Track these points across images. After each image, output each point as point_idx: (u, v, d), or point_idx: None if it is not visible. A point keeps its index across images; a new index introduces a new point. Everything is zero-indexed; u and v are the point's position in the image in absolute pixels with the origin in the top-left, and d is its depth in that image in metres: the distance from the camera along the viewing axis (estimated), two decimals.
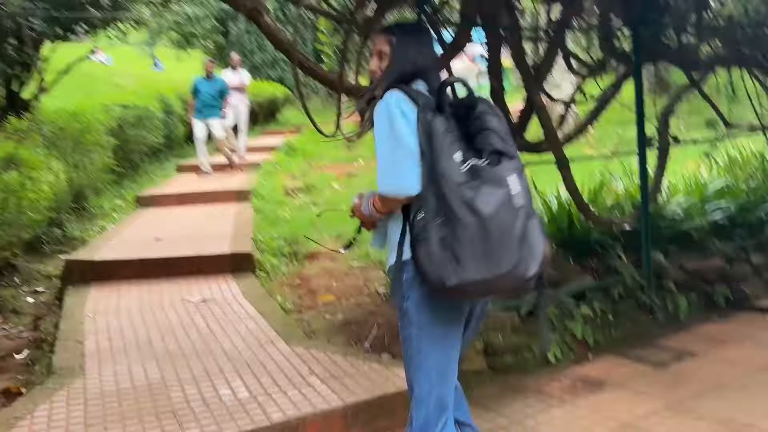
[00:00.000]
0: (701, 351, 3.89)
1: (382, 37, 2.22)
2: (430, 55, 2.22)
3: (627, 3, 3.96)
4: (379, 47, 2.20)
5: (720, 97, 5.19)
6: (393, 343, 3.83)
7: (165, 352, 3.87)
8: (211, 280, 5.33)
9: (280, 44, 4.19)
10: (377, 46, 2.21)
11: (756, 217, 5.04)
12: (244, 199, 8.32)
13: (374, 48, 2.22)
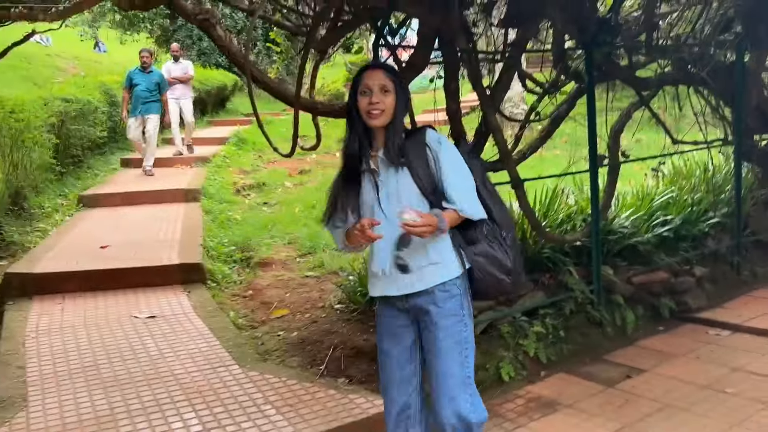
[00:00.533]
0: (649, 366, 4.00)
1: (381, 73, 2.30)
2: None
3: (581, 25, 3.99)
4: (382, 82, 2.27)
5: (666, 114, 5.32)
6: (350, 366, 3.81)
7: (113, 377, 3.76)
8: (159, 293, 5.20)
9: (234, 57, 4.08)
10: (378, 80, 2.27)
11: (699, 230, 5.20)
12: (193, 199, 8.12)
13: (373, 82, 2.27)
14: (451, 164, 2.32)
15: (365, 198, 2.32)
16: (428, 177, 2.28)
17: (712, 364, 3.94)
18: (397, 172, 2.29)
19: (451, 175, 2.30)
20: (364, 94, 2.27)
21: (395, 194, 2.28)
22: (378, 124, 2.28)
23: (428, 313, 2.32)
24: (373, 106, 2.25)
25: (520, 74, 4.24)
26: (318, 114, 4.24)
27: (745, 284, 5.33)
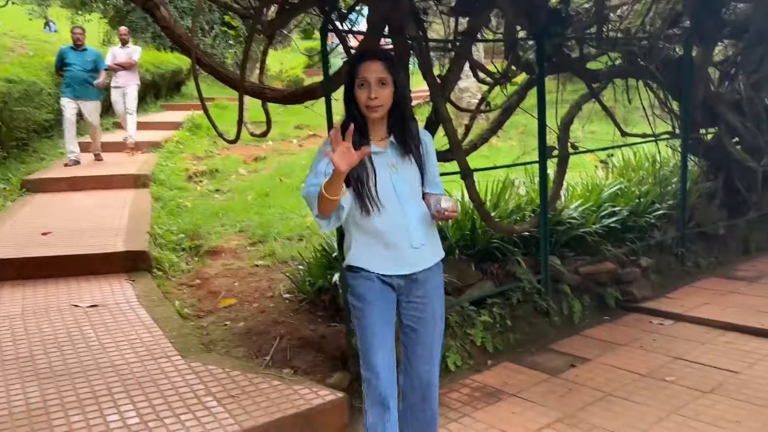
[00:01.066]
0: (593, 355, 4.05)
1: (381, 64, 2.31)
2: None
3: (532, 16, 3.99)
4: (379, 75, 2.30)
5: (618, 106, 5.38)
6: (296, 357, 3.77)
7: (48, 369, 3.63)
8: (103, 281, 5.05)
9: (178, 39, 3.97)
10: (375, 73, 2.30)
11: (645, 222, 5.29)
12: (143, 185, 7.93)
13: (370, 75, 2.29)
14: (434, 155, 2.58)
15: (376, 181, 2.37)
16: (421, 165, 2.49)
17: (654, 353, 4.02)
18: (404, 158, 2.44)
19: (434, 164, 2.57)
20: (362, 87, 2.31)
21: (406, 179, 2.43)
22: (378, 117, 2.35)
23: (426, 288, 2.50)
24: (372, 102, 2.30)
25: (472, 64, 4.22)
26: (266, 100, 4.16)
27: (688, 275, 5.46)
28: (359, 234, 2.45)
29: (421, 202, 2.50)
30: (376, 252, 2.43)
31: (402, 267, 2.45)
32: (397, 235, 2.41)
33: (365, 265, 2.45)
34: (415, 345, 2.56)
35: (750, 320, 4.35)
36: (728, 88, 5.79)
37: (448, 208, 2.35)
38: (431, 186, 2.56)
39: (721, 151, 5.69)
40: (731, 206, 6.00)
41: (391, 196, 2.39)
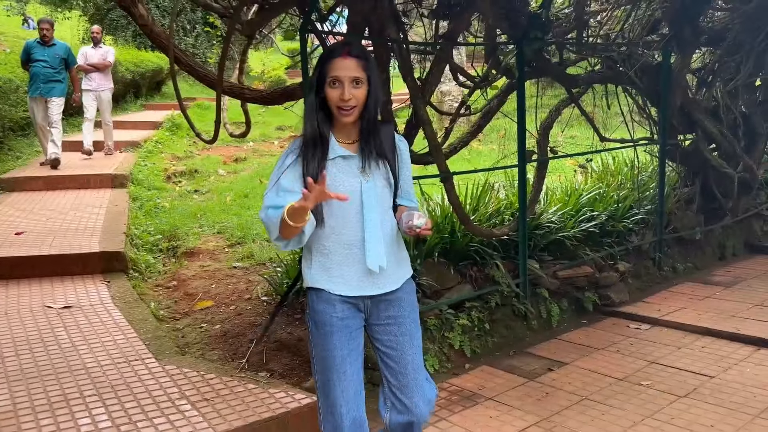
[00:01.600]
0: (570, 359, 4.06)
1: (355, 62, 2.08)
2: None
3: (512, 20, 4.00)
4: (354, 74, 2.07)
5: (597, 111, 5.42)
6: (272, 360, 3.73)
7: (18, 370, 3.56)
8: (77, 282, 4.97)
9: (156, 37, 3.92)
10: (349, 71, 2.06)
11: (623, 226, 5.33)
12: (120, 185, 7.83)
13: (344, 73, 2.06)
14: (409, 164, 2.36)
15: (340, 189, 2.10)
16: (395, 173, 2.25)
17: (631, 358, 4.04)
18: (375, 164, 2.19)
19: (409, 174, 2.35)
20: (334, 86, 2.07)
21: (376, 187, 2.18)
22: (350, 121, 2.12)
23: (398, 307, 2.28)
24: (345, 103, 2.07)
25: (453, 68, 4.22)
26: (245, 100, 4.13)
27: (665, 279, 5.51)
28: (318, 250, 2.20)
29: (389, 215, 2.25)
30: (337, 271, 2.19)
31: (366, 287, 2.21)
32: (358, 250, 2.17)
33: (325, 285, 2.19)
34: (395, 373, 2.28)
35: (726, 325, 4.39)
36: (705, 95, 5.86)
37: (422, 225, 2.10)
38: (403, 198, 2.32)
39: (699, 157, 5.75)
40: (708, 212, 6.07)
41: (355, 206, 2.15)
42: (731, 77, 5.66)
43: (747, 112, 6.00)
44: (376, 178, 2.18)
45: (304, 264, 2.27)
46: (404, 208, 2.30)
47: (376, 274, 2.20)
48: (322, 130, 2.13)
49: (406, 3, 3.79)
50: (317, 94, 2.12)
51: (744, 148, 5.88)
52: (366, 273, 2.19)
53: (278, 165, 2.18)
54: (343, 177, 2.14)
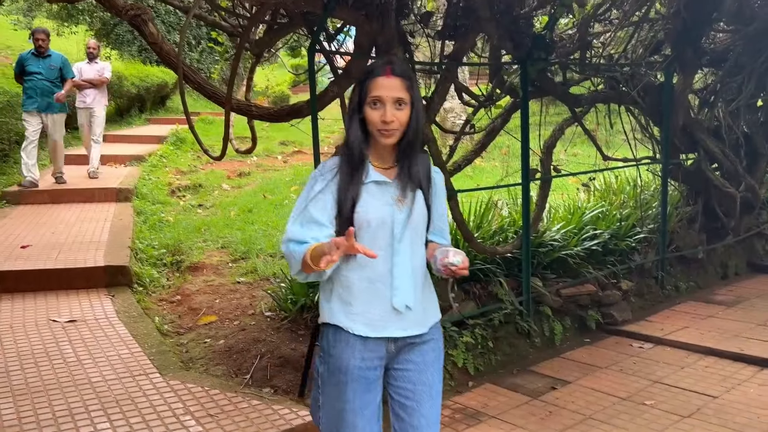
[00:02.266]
0: (573, 378, 4.07)
1: (399, 81, 1.91)
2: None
3: (516, 41, 4.05)
4: (398, 94, 1.90)
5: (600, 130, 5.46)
6: (276, 376, 3.74)
7: (24, 384, 3.58)
8: (82, 296, 5.00)
9: (166, 55, 3.96)
10: (392, 92, 1.90)
11: (626, 245, 5.35)
12: (125, 199, 7.87)
13: (387, 93, 1.89)
14: (444, 197, 2.16)
15: (370, 216, 1.93)
16: (430, 205, 2.07)
17: (634, 377, 4.04)
18: (412, 194, 2.00)
19: (441, 208, 2.15)
20: (375, 106, 1.91)
21: (410, 219, 1.98)
22: (391, 143, 1.96)
23: (422, 353, 2.05)
24: (387, 126, 1.90)
25: (457, 87, 4.26)
26: (253, 117, 4.17)
27: (668, 298, 5.52)
28: (339, 282, 1.98)
29: (420, 250, 2.04)
30: (359, 307, 1.96)
31: (389, 327, 1.98)
32: (383, 286, 1.96)
33: (344, 323, 1.96)
34: (405, 427, 2.05)
35: (729, 345, 4.39)
36: (707, 115, 5.90)
37: (459, 263, 1.88)
38: (436, 233, 2.13)
39: (701, 177, 5.78)
40: (710, 231, 6.09)
41: (385, 237, 1.95)
42: (733, 98, 5.71)
43: (749, 133, 6.04)
44: (409, 209, 1.98)
45: (322, 295, 2.04)
46: (435, 245, 2.10)
47: (402, 315, 1.98)
48: (362, 152, 1.98)
49: (412, 24, 3.84)
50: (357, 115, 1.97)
51: (746, 168, 5.92)
52: (391, 312, 1.96)
53: (306, 190, 2.00)
54: (375, 204, 1.95)
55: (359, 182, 1.95)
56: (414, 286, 1.99)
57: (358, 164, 1.96)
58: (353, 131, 1.97)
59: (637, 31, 4.97)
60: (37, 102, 7.78)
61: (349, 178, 1.95)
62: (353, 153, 1.96)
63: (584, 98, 4.86)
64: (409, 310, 1.98)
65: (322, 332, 2.03)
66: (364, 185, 1.96)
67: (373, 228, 1.93)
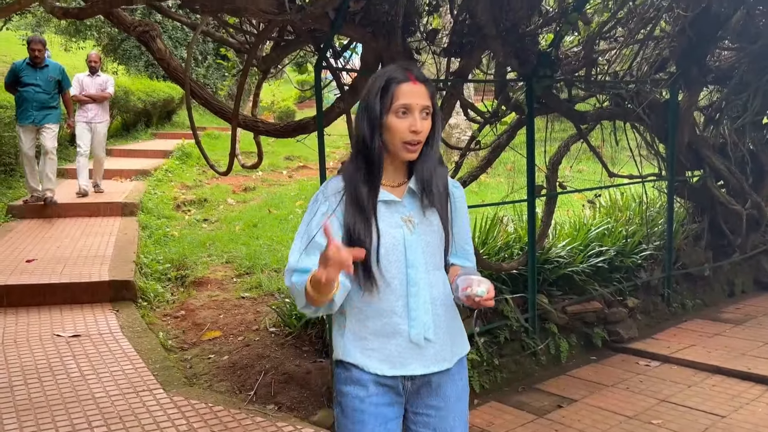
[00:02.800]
0: (580, 396, 4.04)
1: (424, 89, 1.74)
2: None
3: (522, 58, 4.06)
4: (425, 102, 1.73)
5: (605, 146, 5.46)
6: (280, 393, 3.72)
7: (27, 399, 3.56)
8: (87, 311, 4.99)
9: (173, 71, 3.99)
10: (421, 99, 1.72)
11: (632, 262, 5.33)
12: (130, 213, 7.87)
13: (416, 101, 1.71)
14: (466, 214, 1.94)
15: (382, 240, 1.74)
16: (447, 224, 1.86)
17: (641, 395, 4.01)
18: (426, 213, 1.81)
19: (464, 225, 1.93)
20: (403, 115, 1.71)
21: (424, 242, 1.79)
22: (414, 158, 1.76)
23: (444, 396, 1.84)
24: (415, 137, 1.71)
25: (463, 103, 4.28)
26: (259, 133, 4.19)
27: (674, 316, 5.48)
28: (352, 314, 1.80)
29: (439, 275, 1.83)
30: (374, 342, 1.77)
31: (408, 364, 1.77)
32: (400, 318, 1.76)
33: (359, 360, 1.77)
34: None
35: (736, 364, 4.35)
36: (713, 132, 5.90)
37: (483, 294, 1.67)
38: (458, 255, 1.92)
39: (707, 194, 5.77)
40: (716, 248, 6.06)
41: (397, 264, 1.76)
42: (738, 115, 5.71)
43: (754, 150, 6.03)
44: (423, 230, 1.79)
45: (335, 330, 1.86)
46: (458, 268, 1.90)
47: (422, 349, 1.77)
48: (381, 169, 1.78)
49: (418, 41, 3.86)
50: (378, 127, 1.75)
51: (752, 185, 5.90)
52: (409, 347, 1.76)
53: (308, 214, 1.82)
54: (383, 226, 1.75)
55: (372, 204, 1.75)
56: (434, 316, 1.78)
57: (376, 182, 1.76)
58: (377, 145, 1.73)
59: (643, 48, 4.98)
60: (33, 115, 7.33)
61: (361, 199, 1.74)
62: (376, 170, 1.75)
63: (589, 115, 4.87)
64: (429, 343, 1.77)
65: (335, 372, 1.85)
66: (376, 204, 1.77)
67: (384, 254, 1.74)
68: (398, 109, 1.70)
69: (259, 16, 3.30)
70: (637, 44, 4.94)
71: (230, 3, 3.04)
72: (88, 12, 3.40)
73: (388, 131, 1.73)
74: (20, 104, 7.33)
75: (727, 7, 4.77)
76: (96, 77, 8.59)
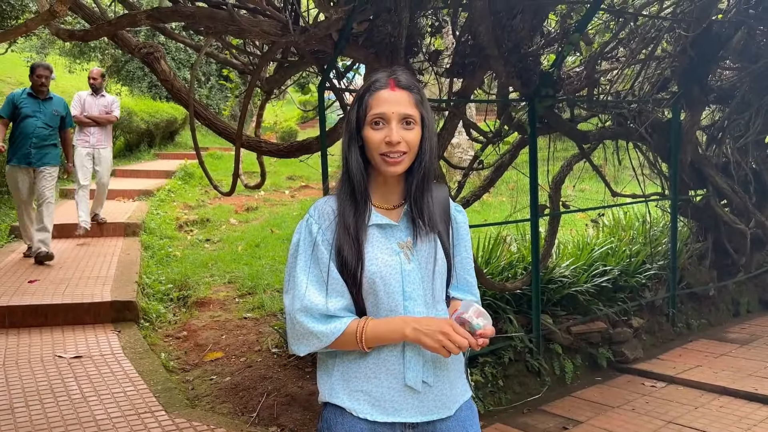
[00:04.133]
0: (585, 418, 3.99)
1: (406, 95, 1.56)
2: None
3: (524, 78, 4.08)
4: (406, 110, 1.55)
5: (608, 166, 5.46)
6: (283, 414, 3.68)
7: (28, 421, 3.53)
8: (89, 332, 4.97)
9: (177, 92, 4.02)
10: (400, 107, 1.54)
11: (636, 281, 5.30)
12: (133, 234, 7.88)
13: (392, 109, 1.54)
14: (468, 242, 1.76)
15: (372, 269, 1.55)
16: (449, 252, 1.67)
17: (647, 417, 3.96)
18: (425, 239, 1.61)
19: (466, 254, 1.74)
20: (377, 126, 1.54)
21: (424, 271, 1.60)
22: (398, 172, 1.57)
23: None
24: (393, 149, 1.53)
25: (465, 123, 4.29)
26: (262, 153, 4.20)
27: (679, 336, 5.44)
28: (343, 354, 1.60)
29: (439, 309, 1.64)
30: (365, 385, 1.57)
31: (404, 410, 1.57)
32: (395, 358, 1.57)
33: (347, 404, 1.57)
34: None
35: (743, 384, 4.31)
36: (716, 152, 5.90)
37: (478, 329, 1.50)
38: (460, 288, 1.74)
39: (710, 213, 5.76)
40: (721, 268, 6.04)
41: (393, 297, 1.57)
42: (741, 134, 5.72)
43: (758, 169, 6.03)
44: (422, 259, 1.60)
45: (320, 368, 1.67)
46: (459, 303, 1.67)
47: (419, 393, 1.58)
48: (366, 186, 1.60)
49: (421, 62, 3.88)
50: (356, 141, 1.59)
51: (755, 205, 5.89)
52: (404, 391, 1.57)
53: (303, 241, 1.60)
54: (378, 255, 1.57)
55: (364, 228, 1.57)
56: (433, 358, 1.58)
57: (361, 203, 1.58)
58: (354, 160, 1.58)
59: (644, 68, 5.01)
60: (31, 155, 6.31)
61: (352, 223, 1.56)
62: (356, 188, 1.58)
63: (592, 134, 4.88)
64: (428, 388, 1.58)
65: (321, 413, 1.64)
66: (367, 228, 1.58)
67: (379, 285, 1.56)
68: (373, 119, 1.55)
69: (262, 38, 3.32)
70: (639, 64, 4.97)
71: (234, 25, 3.07)
72: (94, 34, 3.43)
73: (367, 144, 1.57)
74: (16, 139, 6.31)
75: (728, 27, 4.80)
76: (100, 97, 7.71)
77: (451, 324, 1.49)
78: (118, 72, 18.04)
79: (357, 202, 1.58)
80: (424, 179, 1.61)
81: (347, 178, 1.60)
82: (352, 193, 1.59)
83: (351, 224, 1.56)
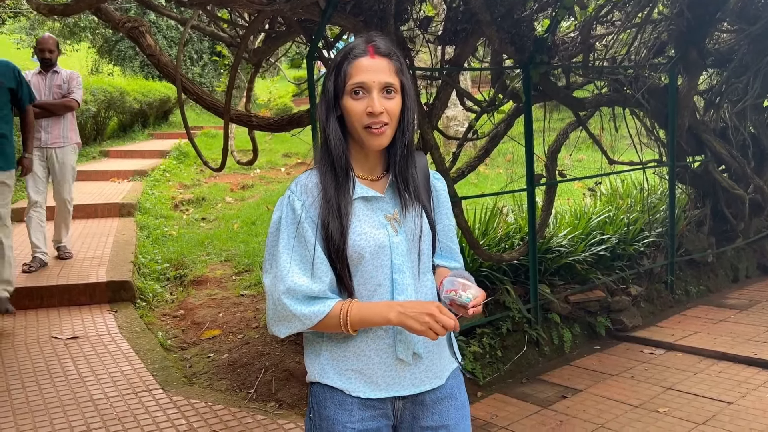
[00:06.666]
0: (584, 386, 3.98)
1: (386, 62, 1.50)
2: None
3: (518, 45, 4.00)
4: (386, 79, 1.48)
5: (605, 134, 5.40)
6: (281, 390, 3.67)
7: (25, 403, 3.52)
8: (85, 313, 4.94)
9: (164, 67, 3.95)
10: (380, 75, 1.48)
11: (634, 249, 5.27)
12: (128, 214, 7.82)
13: (372, 77, 1.47)
14: (449, 208, 1.73)
15: (361, 243, 1.51)
16: (431, 221, 1.64)
17: (646, 384, 3.96)
18: (411, 209, 1.58)
19: (447, 221, 1.71)
20: (357, 95, 1.48)
21: (412, 242, 1.57)
22: (384, 145, 1.52)
23: (440, 413, 1.60)
24: (375, 120, 1.47)
25: (459, 92, 4.22)
26: (253, 128, 4.14)
27: (678, 303, 5.43)
28: (328, 336, 1.56)
29: (427, 280, 1.62)
30: (355, 362, 1.54)
31: (396, 384, 1.55)
32: (384, 332, 1.53)
33: (338, 383, 1.53)
34: None
35: (742, 349, 4.30)
36: (713, 117, 5.83)
37: (468, 303, 1.48)
38: (443, 255, 1.73)
39: (708, 179, 5.71)
40: (719, 234, 6.01)
41: (382, 269, 1.53)
42: (739, 98, 5.65)
43: (756, 133, 5.97)
44: (409, 230, 1.57)
45: (308, 348, 1.61)
46: (445, 270, 1.69)
47: (410, 366, 1.56)
48: (347, 158, 1.54)
49: (412, 29, 3.80)
50: (333, 111, 1.53)
51: (754, 169, 5.84)
52: (396, 364, 1.54)
53: (285, 219, 1.54)
54: (366, 228, 1.52)
55: (347, 201, 1.51)
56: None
57: (343, 175, 1.52)
58: (332, 131, 1.52)
59: (640, 32, 4.91)
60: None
61: (334, 196, 1.51)
62: (336, 161, 1.52)
63: (588, 101, 4.81)
64: (419, 359, 1.56)
65: (312, 390, 1.59)
66: (352, 202, 1.53)
67: (368, 259, 1.51)
68: (352, 88, 1.48)
69: (247, 8, 3.24)
70: (635, 28, 4.87)
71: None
72: (74, 8, 3.34)
73: (347, 115, 1.51)
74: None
75: None
76: (52, 74, 5.48)
77: (437, 305, 1.46)
78: (109, 52, 17.86)
79: (338, 175, 1.52)
80: (408, 150, 1.57)
81: (327, 149, 1.54)
82: (332, 166, 1.53)
83: (334, 197, 1.51)
